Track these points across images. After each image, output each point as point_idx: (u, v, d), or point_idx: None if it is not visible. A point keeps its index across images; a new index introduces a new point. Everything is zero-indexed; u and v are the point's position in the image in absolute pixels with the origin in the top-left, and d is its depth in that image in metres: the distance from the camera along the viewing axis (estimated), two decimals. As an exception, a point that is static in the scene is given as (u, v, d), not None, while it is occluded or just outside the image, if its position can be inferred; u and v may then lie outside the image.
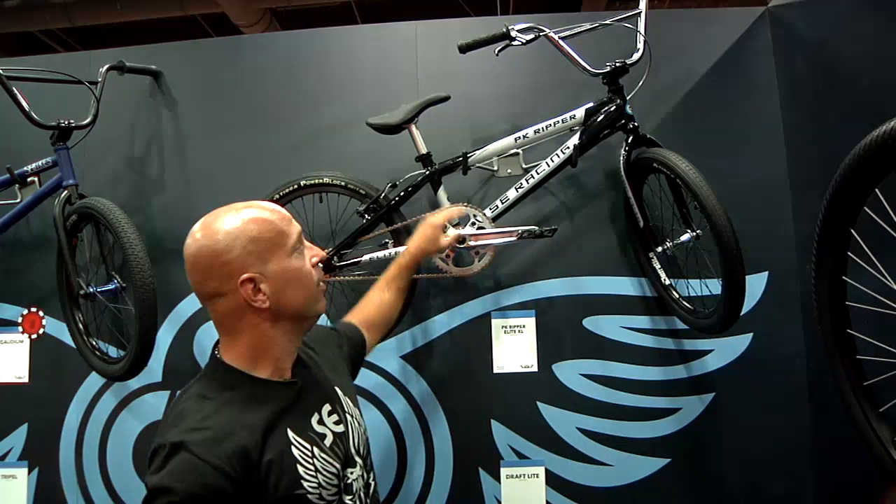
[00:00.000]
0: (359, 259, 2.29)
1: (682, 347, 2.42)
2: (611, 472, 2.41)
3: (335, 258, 2.28)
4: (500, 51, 2.13)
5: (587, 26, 2.20)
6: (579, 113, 2.19)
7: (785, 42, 2.42)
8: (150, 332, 2.18)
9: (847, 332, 1.54)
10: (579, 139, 2.17)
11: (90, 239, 2.45)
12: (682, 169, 1.92)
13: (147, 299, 2.12)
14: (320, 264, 1.39)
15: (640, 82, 2.15)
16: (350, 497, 1.32)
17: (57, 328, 2.60)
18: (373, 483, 1.44)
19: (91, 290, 2.36)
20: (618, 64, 2.12)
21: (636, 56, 2.13)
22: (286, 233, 1.29)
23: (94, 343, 2.46)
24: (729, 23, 2.51)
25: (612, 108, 2.14)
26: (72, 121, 2.35)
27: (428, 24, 2.60)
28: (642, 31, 2.15)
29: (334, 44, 2.63)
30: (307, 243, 1.36)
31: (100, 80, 2.42)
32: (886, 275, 1.37)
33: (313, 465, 1.25)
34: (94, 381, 2.57)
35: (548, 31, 2.13)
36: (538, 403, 2.43)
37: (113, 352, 2.47)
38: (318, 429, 1.32)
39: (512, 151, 2.30)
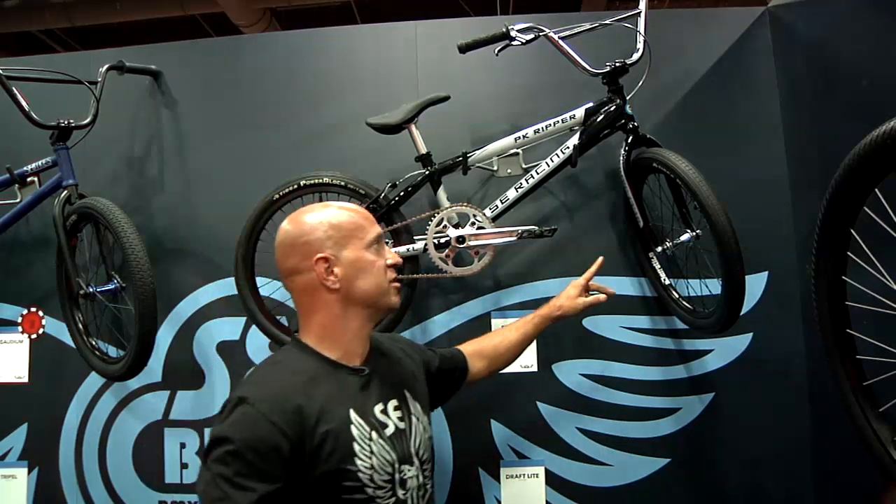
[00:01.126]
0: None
1: (682, 347, 2.42)
2: (610, 472, 2.41)
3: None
4: (499, 51, 2.14)
5: (587, 26, 2.20)
6: (579, 113, 2.19)
7: (785, 42, 2.42)
8: (149, 332, 2.18)
9: (847, 332, 1.54)
10: (579, 139, 2.17)
11: (90, 239, 2.44)
12: (682, 169, 1.92)
13: (147, 299, 2.13)
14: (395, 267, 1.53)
15: (640, 82, 2.14)
16: (404, 492, 1.40)
17: (57, 328, 2.60)
18: (429, 489, 1.51)
19: (91, 289, 2.36)
20: (617, 64, 2.11)
21: (636, 56, 2.12)
22: (365, 228, 1.46)
23: (93, 343, 2.46)
24: (729, 23, 2.51)
25: (611, 108, 2.14)
26: (71, 121, 2.35)
27: (428, 24, 2.60)
28: (642, 31, 2.15)
29: (334, 44, 2.63)
30: (387, 247, 1.54)
31: (99, 79, 2.42)
32: (886, 275, 1.37)
33: (369, 447, 1.35)
34: (93, 380, 2.57)
35: (547, 31, 2.13)
36: (538, 403, 2.43)
37: (113, 352, 2.46)
38: (381, 417, 1.42)
39: (512, 151, 2.30)
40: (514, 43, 2.12)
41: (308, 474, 1.27)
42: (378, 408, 1.42)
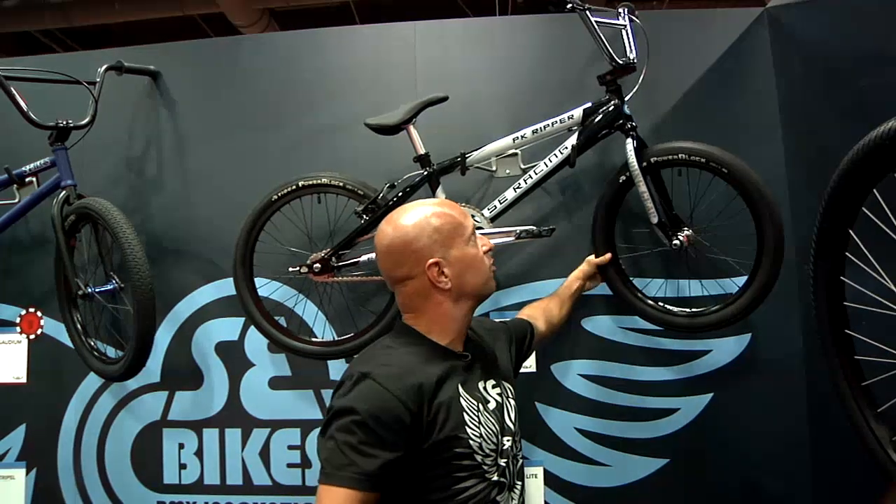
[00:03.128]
0: (357, 259, 2.29)
1: (681, 348, 2.41)
2: (609, 473, 2.41)
3: (333, 259, 2.28)
4: (554, 11, 2.19)
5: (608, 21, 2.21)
6: (577, 113, 2.18)
7: (783, 43, 2.42)
8: (148, 333, 2.20)
9: (845, 333, 1.54)
10: (577, 139, 2.16)
11: (88, 239, 2.44)
12: (713, 153, 2.02)
13: (145, 299, 2.14)
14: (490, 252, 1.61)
15: (637, 85, 2.15)
16: (505, 461, 1.50)
17: (55, 328, 2.60)
18: (521, 459, 1.61)
19: (89, 290, 2.36)
20: (622, 61, 2.11)
21: (631, 56, 2.12)
22: (463, 224, 1.53)
23: (92, 343, 2.46)
24: (727, 23, 2.50)
25: (610, 109, 2.14)
26: (70, 121, 2.35)
27: (426, 24, 2.59)
28: (630, 44, 2.15)
29: (333, 44, 2.63)
30: (478, 235, 1.59)
31: (98, 80, 2.42)
32: (884, 275, 1.38)
33: (477, 418, 1.45)
34: (92, 381, 2.57)
35: (586, 7, 2.14)
36: (536, 404, 2.43)
37: (111, 352, 2.47)
38: (484, 394, 1.53)
39: (510, 152, 2.29)
40: (566, 7, 2.13)
41: (425, 442, 1.36)
42: (481, 385, 1.53)
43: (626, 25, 2.20)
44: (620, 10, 2.25)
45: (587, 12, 2.13)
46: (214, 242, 2.54)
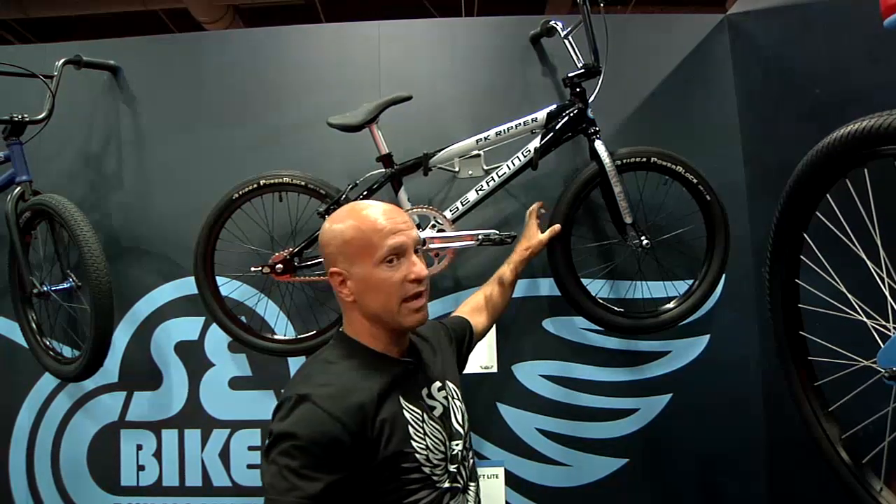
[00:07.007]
0: (320, 259, 2.27)
1: (641, 349, 2.45)
2: (569, 473, 2.43)
3: (295, 259, 2.27)
4: None
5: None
6: (541, 116, 2.20)
7: (742, 49, 2.46)
8: (106, 332, 2.17)
9: (799, 334, 1.58)
10: (540, 142, 2.18)
11: (44, 236, 2.40)
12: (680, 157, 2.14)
13: (103, 298, 2.11)
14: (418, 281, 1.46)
15: (597, 88, 2.17)
16: (455, 466, 1.48)
17: (8, 327, 2.55)
18: (471, 460, 1.59)
19: (45, 288, 2.32)
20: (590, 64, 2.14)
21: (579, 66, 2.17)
22: (377, 245, 1.40)
23: (47, 343, 2.43)
24: (688, 29, 2.55)
25: (573, 112, 2.16)
26: (25, 115, 2.31)
27: (391, 24, 2.59)
28: (574, 54, 2.21)
29: (297, 42, 2.62)
30: (414, 259, 1.46)
31: (56, 73, 2.38)
32: (837, 278, 1.41)
33: (422, 428, 1.42)
34: (47, 381, 2.53)
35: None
36: (497, 404, 2.44)
37: (67, 352, 2.43)
38: (428, 401, 1.49)
39: (473, 153, 2.29)
40: None
41: (371, 461, 1.33)
42: (424, 392, 1.50)
43: (564, 38, 2.27)
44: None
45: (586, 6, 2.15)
46: (174, 241, 2.51)
